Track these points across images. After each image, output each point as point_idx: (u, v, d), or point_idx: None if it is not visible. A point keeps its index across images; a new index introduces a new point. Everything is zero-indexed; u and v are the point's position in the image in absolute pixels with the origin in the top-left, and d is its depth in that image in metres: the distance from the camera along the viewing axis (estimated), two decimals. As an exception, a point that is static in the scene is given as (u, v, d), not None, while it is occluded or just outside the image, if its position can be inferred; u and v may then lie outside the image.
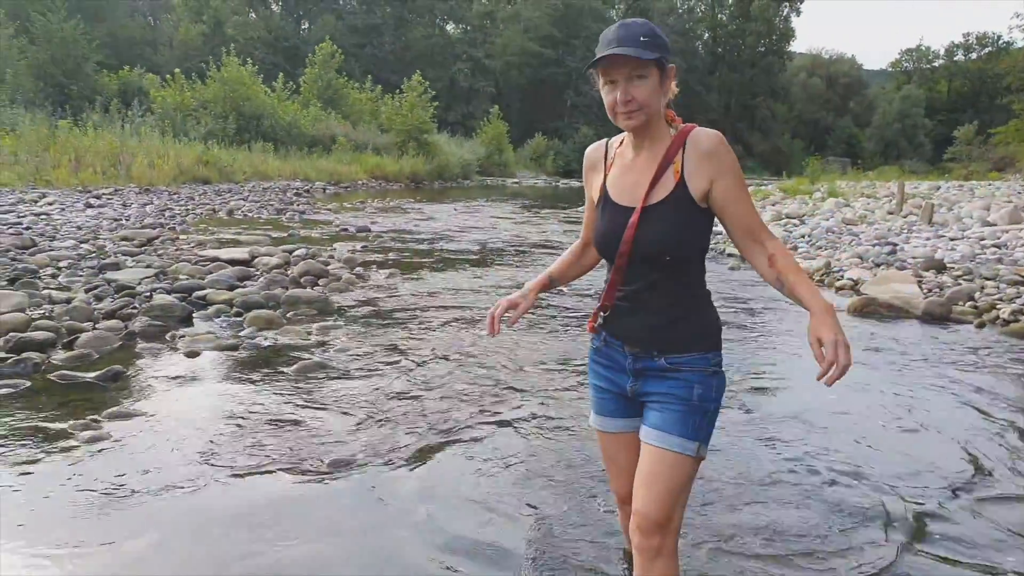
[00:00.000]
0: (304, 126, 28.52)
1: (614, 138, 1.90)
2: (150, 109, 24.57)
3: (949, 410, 3.99)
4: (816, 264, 8.49)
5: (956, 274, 7.53)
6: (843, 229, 11.53)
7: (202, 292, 6.11)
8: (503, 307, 1.94)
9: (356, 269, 7.93)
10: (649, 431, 1.77)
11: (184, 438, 3.28)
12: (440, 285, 7.38)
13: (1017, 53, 42.65)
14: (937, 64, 74.79)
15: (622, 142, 1.85)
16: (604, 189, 1.83)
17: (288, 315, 5.79)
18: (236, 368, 4.40)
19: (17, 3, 30.86)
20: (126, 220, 10.89)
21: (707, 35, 72.66)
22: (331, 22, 52.86)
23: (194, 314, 5.59)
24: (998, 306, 6.23)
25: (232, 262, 7.50)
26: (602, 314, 1.86)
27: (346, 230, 11.92)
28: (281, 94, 29.93)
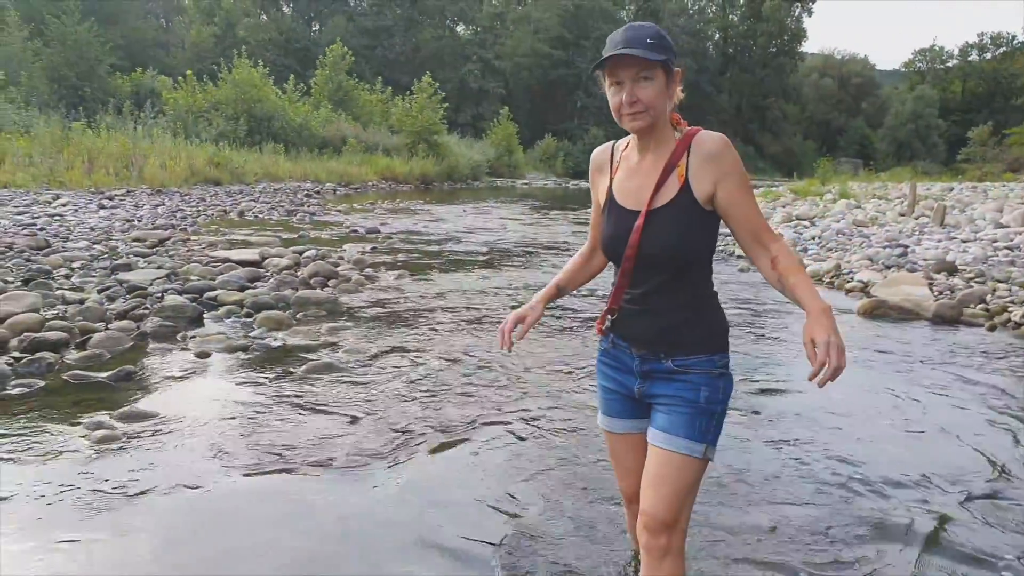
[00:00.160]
0: (315, 128, 28.63)
1: (620, 141, 1.90)
2: (162, 111, 24.78)
3: (959, 413, 3.97)
4: (826, 266, 8.45)
5: (968, 276, 7.48)
6: (854, 231, 11.46)
7: (213, 293, 6.15)
8: (512, 321, 1.96)
9: (366, 270, 7.96)
10: (656, 433, 1.78)
11: (194, 438, 3.31)
12: (449, 286, 7.40)
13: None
14: (951, 64, 74.19)
15: (628, 145, 1.86)
16: (610, 192, 1.84)
17: (298, 316, 5.82)
18: (246, 368, 4.43)
19: (32, 6, 31.23)
20: (138, 221, 10.98)
21: (718, 36, 72.43)
22: (342, 24, 53.10)
23: (205, 315, 5.63)
24: (1010, 309, 6.19)
25: (243, 263, 7.55)
26: (610, 316, 1.86)
27: (356, 231, 11.95)
28: (292, 96, 30.04)
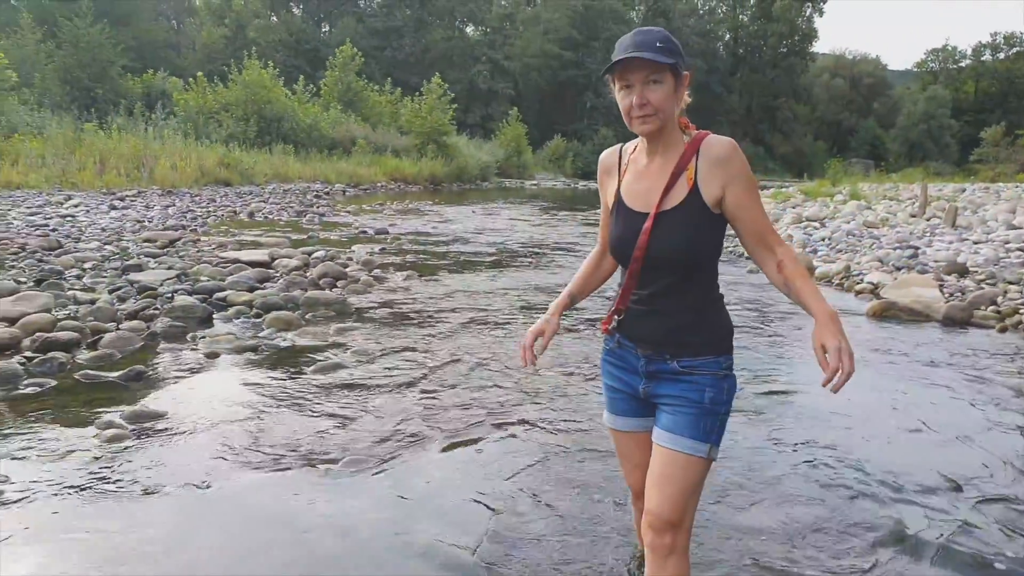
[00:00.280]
0: (324, 128, 28.72)
1: (628, 144, 1.92)
2: (173, 112, 24.92)
3: (968, 415, 3.95)
4: (836, 267, 8.41)
5: (979, 278, 7.43)
6: (864, 232, 11.39)
7: (222, 293, 6.18)
8: (532, 336, 1.96)
9: (374, 271, 7.99)
10: (661, 433, 1.79)
11: (203, 437, 3.34)
12: (457, 287, 7.42)
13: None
14: (964, 64, 73.53)
15: (635, 148, 1.87)
16: (618, 194, 1.85)
17: (307, 316, 5.85)
18: (255, 369, 4.46)
19: (45, 9, 31.52)
20: (149, 222, 11.07)
21: (728, 36, 72.15)
22: (351, 25, 53.28)
23: (214, 315, 5.67)
24: (1021, 311, 6.14)
25: (252, 264, 7.59)
26: (616, 317, 1.87)
27: (365, 232, 11.99)
28: (302, 97, 30.15)
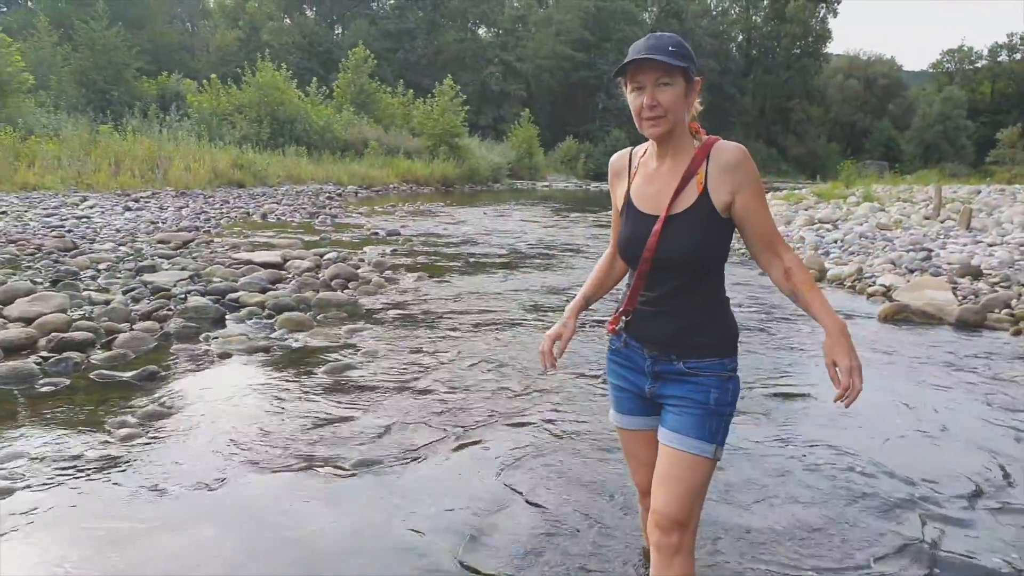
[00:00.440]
0: (337, 130, 28.87)
1: (638, 147, 1.94)
2: (187, 114, 25.13)
3: (978, 418, 3.92)
4: (848, 270, 8.36)
5: (993, 281, 7.38)
6: (877, 234, 11.32)
7: (235, 294, 6.22)
8: (550, 340, 2.01)
9: (385, 273, 8.03)
10: (667, 433, 1.82)
11: (215, 436, 3.37)
12: (468, 289, 7.44)
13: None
14: (980, 65, 72.80)
15: (645, 151, 1.89)
16: (628, 197, 1.88)
17: (318, 317, 5.89)
18: (267, 369, 4.50)
19: (61, 12, 31.87)
20: (163, 223, 11.17)
21: (741, 37, 71.90)
22: (364, 27, 53.49)
23: (227, 316, 5.72)
24: (1036, 314, 6.09)
25: (264, 265, 7.64)
26: (624, 317, 1.90)
27: (376, 234, 12.05)
28: (314, 99, 30.33)
